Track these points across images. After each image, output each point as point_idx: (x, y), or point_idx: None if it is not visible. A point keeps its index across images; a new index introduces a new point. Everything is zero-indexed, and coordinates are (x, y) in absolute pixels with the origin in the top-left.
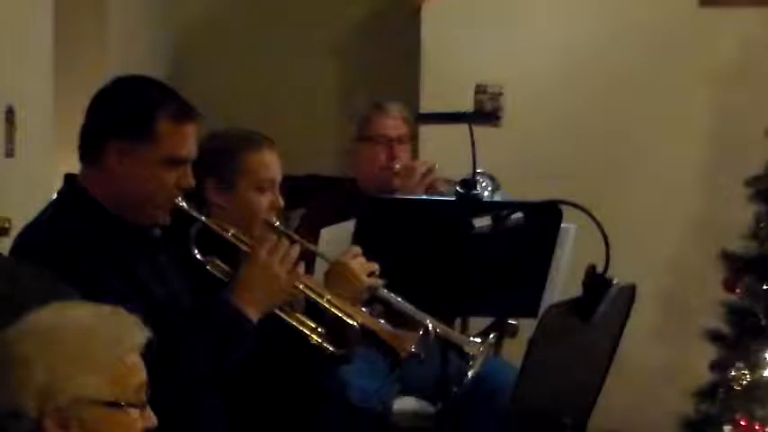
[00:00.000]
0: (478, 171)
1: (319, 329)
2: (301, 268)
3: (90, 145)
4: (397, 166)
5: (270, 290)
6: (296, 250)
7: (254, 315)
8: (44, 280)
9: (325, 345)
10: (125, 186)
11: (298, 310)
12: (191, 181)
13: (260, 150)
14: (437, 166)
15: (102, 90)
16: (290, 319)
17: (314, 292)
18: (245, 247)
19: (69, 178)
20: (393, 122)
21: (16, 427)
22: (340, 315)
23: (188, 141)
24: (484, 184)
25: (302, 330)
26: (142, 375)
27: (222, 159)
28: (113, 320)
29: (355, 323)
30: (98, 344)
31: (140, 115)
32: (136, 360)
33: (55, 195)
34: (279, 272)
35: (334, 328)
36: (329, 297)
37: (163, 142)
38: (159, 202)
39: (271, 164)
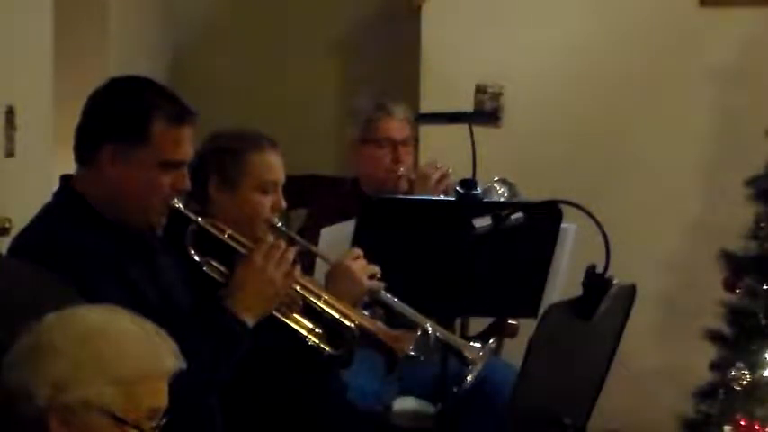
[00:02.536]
0: (496, 179)
1: (317, 330)
2: (298, 270)
3: (85, 146)
4: (402, 170)
5: (266, 294)
6: (292, 252)
7: (249, 320)
8: (43, 279)
9: (322, 346)
10: (120, 188)
11: (295, 310)
12: (187, 184)
13: (263, 151)
14: (450, 171)
15: (98, 91)
16: (287, 320)
17: (311, 293)
18: (241, 249)
19: (65, 179)
20: (398, 125)
21: (23, 407)
22: (337, 316)
23: (184, 144)
24: (500, 191)
25: (299, 331)
26: (161, 402)
27: (226, 159)
28: (151, 341)
29: (352, 324)
30: (128, 359)
31: (135, 118)
32: (160, 386)
33: (51, 197)
34: (275, 276)
35: (331, 328)
36: (327, 298)
37: (158, 145)
38: (154, 205)
39: (274, 165)
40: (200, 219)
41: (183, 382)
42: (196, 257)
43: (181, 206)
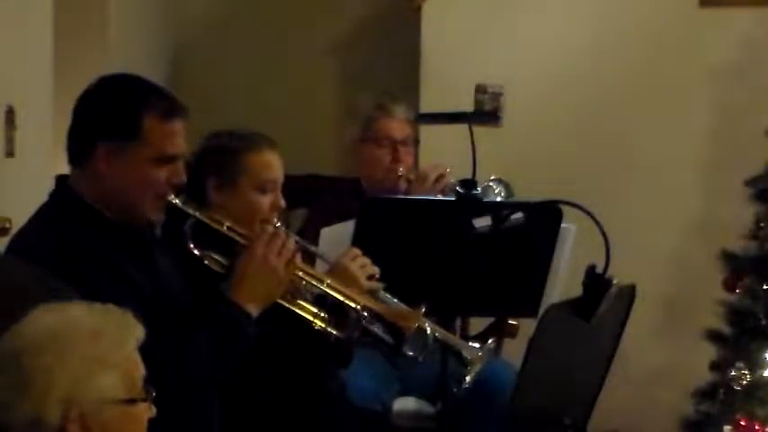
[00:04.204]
0: (492, 178)
1: (322, 314)
2: (299, 258)
3: (78, 147)
4: (401, 170)
5: (269, 283)
6: (293, 241)
7: (253, 310)
8: (42, 279)
9: (328, 329)
10: (116, 187)
11: (299, 297)
12: (182, 177)
13: (262, 151)
14: (448, 171)
15: (88, 91)
16: (291, 307)
17: (314, 278)
18: (241, 240)
19: (60, 180)
20: (398, 125)
21: None
22: (341, 299)
23: (176, 138)
24: (497, 191)
25: (305, 317)
26: (142, 368)
27: (224, 159)
28: (112, 318)
29: (357, 306)
30: (107, 344)
31: (127, 115)
32: (137, 354)
33: (47, 197)
34: (276, 264)
35: (336, 312)
36: (329, 282)
37: (151, 141)
38: (151, 201)
39: (273, 164)
40: (197, 213)
41: (190, 376)
42: (196, 252)
43: (178, 202)
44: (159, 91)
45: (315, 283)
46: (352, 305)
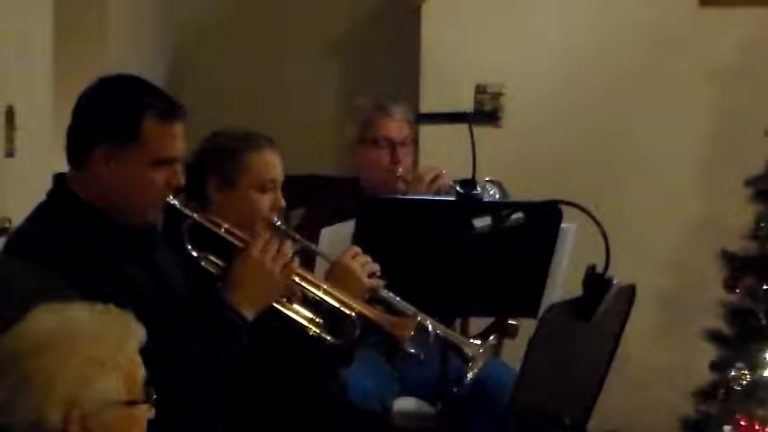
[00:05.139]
0: (487, 179)
1: (317, 320)
2: (296, 262)
3: (77, 148)
4: (400, 170)
5: (264, 287)
6: (289, 246)
7: (249, 313)
8: (40, 278)
9: (323, 335)
10: (114, 189)
11: (294, 301)
12: (181, 179)
13: (262, 150)
14: (444, 172)
15: (87, 92)
16: (286, 311)
17: (310, 283)
18: (238, 243)
19: (58, 178)
20: (396, 125)
21: None
22: (336, 305)
23: (176, 141)
24: (491, 192)
25: (300, 321)
26: (143, 369)
27: (224, 159)
28: (113, 319)
29: (352, 312)
30: (108, 345)
31: (126, 118)
32: (138, 356)
33: (45, 196)
34: (272, 269)
35: (332, 318)
36: (325, 287)
37: (150, 143)
38: (149, 203)
39: (273, 164)
40: (195, 214)
41: (185, 377)
42: (194, 253)
43: (176, 202)
44: (159, 93)
45: (311, 288)
46: (348, 312)
